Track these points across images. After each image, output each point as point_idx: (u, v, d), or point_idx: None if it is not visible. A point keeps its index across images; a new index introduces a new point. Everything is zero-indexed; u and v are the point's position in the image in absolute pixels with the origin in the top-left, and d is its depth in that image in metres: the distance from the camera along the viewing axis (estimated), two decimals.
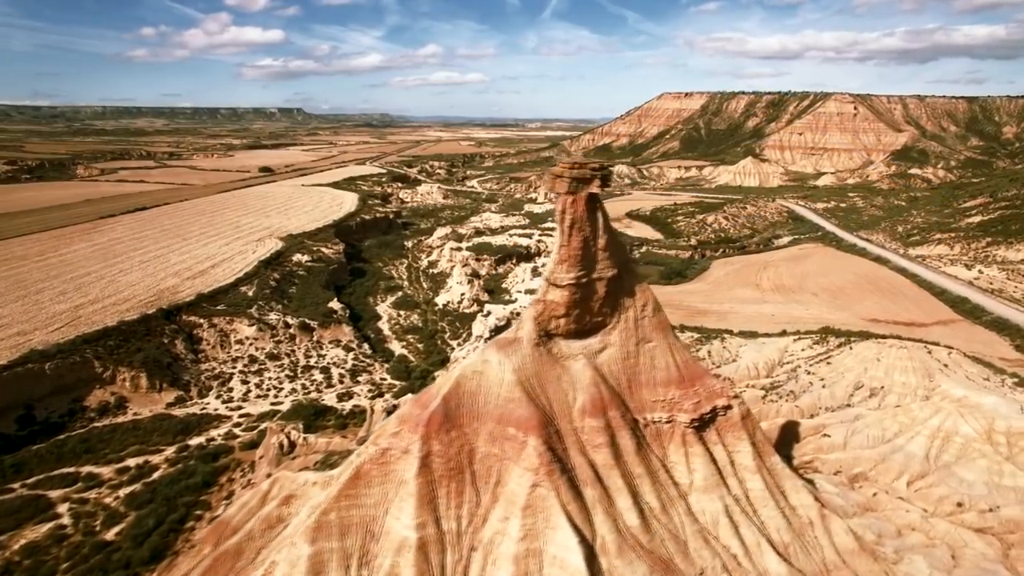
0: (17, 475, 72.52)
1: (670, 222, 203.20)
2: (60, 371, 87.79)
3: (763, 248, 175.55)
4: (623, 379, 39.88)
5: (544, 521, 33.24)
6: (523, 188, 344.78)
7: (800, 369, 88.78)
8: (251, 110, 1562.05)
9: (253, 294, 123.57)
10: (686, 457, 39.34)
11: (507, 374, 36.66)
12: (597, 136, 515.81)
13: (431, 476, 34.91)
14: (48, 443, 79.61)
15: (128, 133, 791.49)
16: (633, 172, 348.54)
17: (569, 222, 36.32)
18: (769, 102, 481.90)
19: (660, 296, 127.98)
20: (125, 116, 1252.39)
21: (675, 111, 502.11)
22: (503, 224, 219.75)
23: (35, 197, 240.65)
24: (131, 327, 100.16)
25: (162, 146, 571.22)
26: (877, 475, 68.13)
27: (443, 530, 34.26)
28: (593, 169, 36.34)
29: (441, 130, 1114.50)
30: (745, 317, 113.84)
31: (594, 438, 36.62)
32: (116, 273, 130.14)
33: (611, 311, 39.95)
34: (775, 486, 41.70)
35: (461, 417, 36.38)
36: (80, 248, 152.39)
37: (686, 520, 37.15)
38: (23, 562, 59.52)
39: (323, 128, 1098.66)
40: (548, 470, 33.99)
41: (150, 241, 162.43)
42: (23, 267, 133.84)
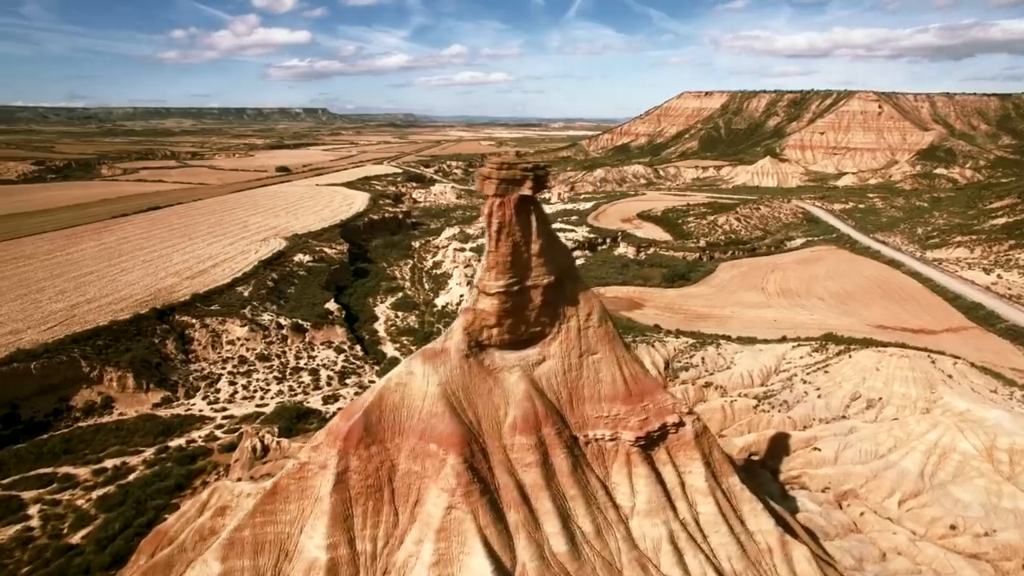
0: None
1: (680, 223, 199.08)
2: (46, 370, 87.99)
3: (774, 250, 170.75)
4: (564, 393, 37.62)
5: (459, 546, 31.18)
6: None
7: (796, 378, 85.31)
8: (277, 110, 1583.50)
9: (249, 294, 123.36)
10: (629, 478, 36.92)
11: (431, 387, 34.67)
12: (616, 136, 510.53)
13: (347, 493, 33.08)
14: (29, 443, 79.63)
15: (156, 133, 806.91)
16: (649, 172, 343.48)
17: (496, 226, 34.18)
18: (791, 101, 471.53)
19: (661, 299, 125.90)
20: (155, 117, 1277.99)
21: (695, 110, 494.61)
22: None
23: (55, 196, 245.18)
24: (122, 327, 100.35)
25: (186, 146, 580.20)
26: (867, 493, 64.84)
27: (357, 551, 32.41)
28: (524, 170, 34.14)
29: (464, 130, 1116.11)
30: (746, 322, 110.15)
31: (524, 456, 34.43)
32: (117, 272, 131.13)
33: (550, 321, 37.71)
34: (731, 509, 39.02)
35: (383, 431, 34.50)
36: (88, 247, 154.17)
37: (623, 546, 34.75)
38: None
39: (346, 128, 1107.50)
40: (466, 491, 31.89)
41: (157, 240, 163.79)
42: (29, 266, 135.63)
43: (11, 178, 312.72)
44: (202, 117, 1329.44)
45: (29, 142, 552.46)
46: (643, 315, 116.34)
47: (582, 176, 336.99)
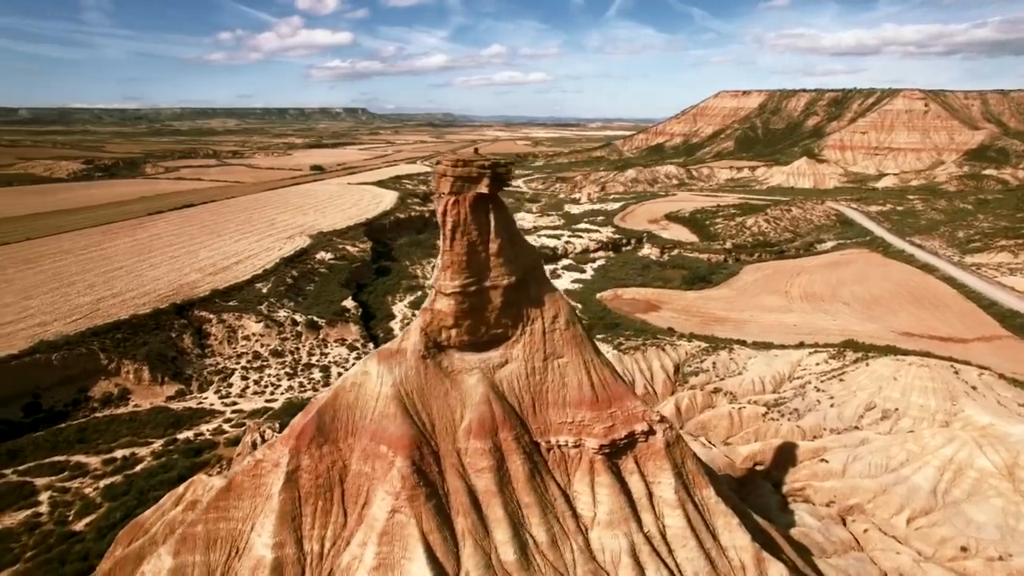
0: (11, 461, 74.85)
1: (708, 224, 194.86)
2: (67, 362, 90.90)
3: (802, 253, 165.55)
4: (526, 397, 36.68)
5: (401, 550, 30.58)
6: (568, 188, 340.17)
7: (809, 385, 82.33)
8: (318, 110, 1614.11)
9: (267, 291, 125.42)
10: (591, 487, 35.74)
11: (385, 387, 34.18)
12: (651, 136, 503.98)
13: (296, 492, 32.84)
14: (47, 431, 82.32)
15: (200, 133, 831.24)
16: (682, 173, 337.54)
17: (451, 225, 33.44)
18: (831, 100, 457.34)
19: (679, 302, 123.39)
20: (201, 117, 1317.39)
21: (732, 110, 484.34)
22: (536, 224, 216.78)
23: (98, 194, 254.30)
24: (142, 321, 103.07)
25: (228, 145, 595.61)
26: (875, 508, 62.02)
27: (304, 551, 32.13)
28: (481, 167, 33.32)
29: (501, 130, 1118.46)
30: (764, 326, 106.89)
31: (477, 461, 33.64)
32: (145, 268, 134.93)
33: (513, 323, 36.79)
34: (702, 523, 37.47)
35: (337, 431, 34.16)
36: (121, 243, 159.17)
37: (580, 558, 33.63)
38: None
39: (385, 128, 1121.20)
40: (410, 495, 31.28)
41: (187, 237, 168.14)
42: (65, 260, 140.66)
43: (62, 176, 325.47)
44: (246, 117, 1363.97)
45: (83, 142, 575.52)
46: (659, 317, 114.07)
47: (613, 176, 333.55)
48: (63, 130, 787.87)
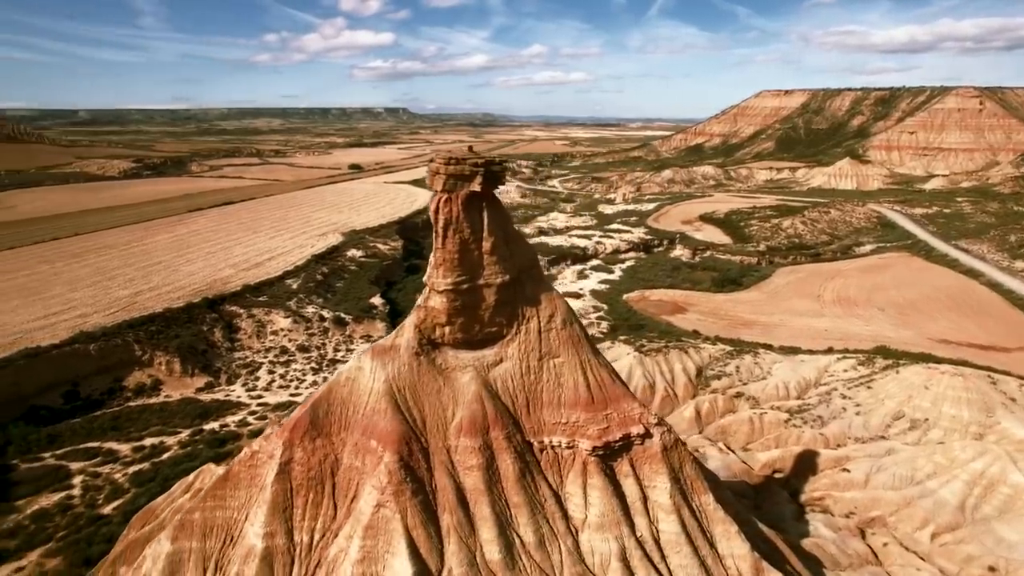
0: (50, 445, 78.13)
1: (743, 226, 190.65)
2: (104, 352, 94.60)
3: (839, 256, 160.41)
4: (520, 396, 36.54)
5: (385, 544, 30.83)
6: (603, 188, 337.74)
7: (835, 392, 79.93)
8: (359, 110, 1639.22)
9: (297, 287, 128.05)
10: (583, 488, 35.40)
11: (377, 383, 34.51)
12: (690, 136, 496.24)
13: (289, 484, 33.44)
14: (84, 418, 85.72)
15: (246, 132, 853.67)
16: (719, 173, 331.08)
17: (443, 223, 33.52)
18: (878, 99, 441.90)
19: (707, 304, 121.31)
20: (247, 116, 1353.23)
21: (773, 110, 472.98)
22: (568, 224, 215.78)
23: (143, 191, 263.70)
24: (175, 314, 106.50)
25: (271, 144, 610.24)
26: (897, 522, 59.81)
27: (294, 541, 32.70)
28: (474, 165, 33.31)
29: (540, 129, 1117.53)
30: (793, 331, 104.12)
31: (466, 459, 33.67)
32: (182, 263, 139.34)
33: (508, 321, 36.69)
34: (699, 530, 36.73)
35: (330, 425, 34.65)
36: (161, 239, 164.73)
37: (567, 560, 33.34)
38: (30, 526, 63.92)
39: (425, 127, 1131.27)
40: (396, 490, 31.51)
41: (224, 234, 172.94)
42: (108, 255, 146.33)
43: (113, 174, 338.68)
44: (290, 117, 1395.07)
45: (135, 141, 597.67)
46: (684, 320, 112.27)
47: (649, 177, 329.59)
48: (118, 130, 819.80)
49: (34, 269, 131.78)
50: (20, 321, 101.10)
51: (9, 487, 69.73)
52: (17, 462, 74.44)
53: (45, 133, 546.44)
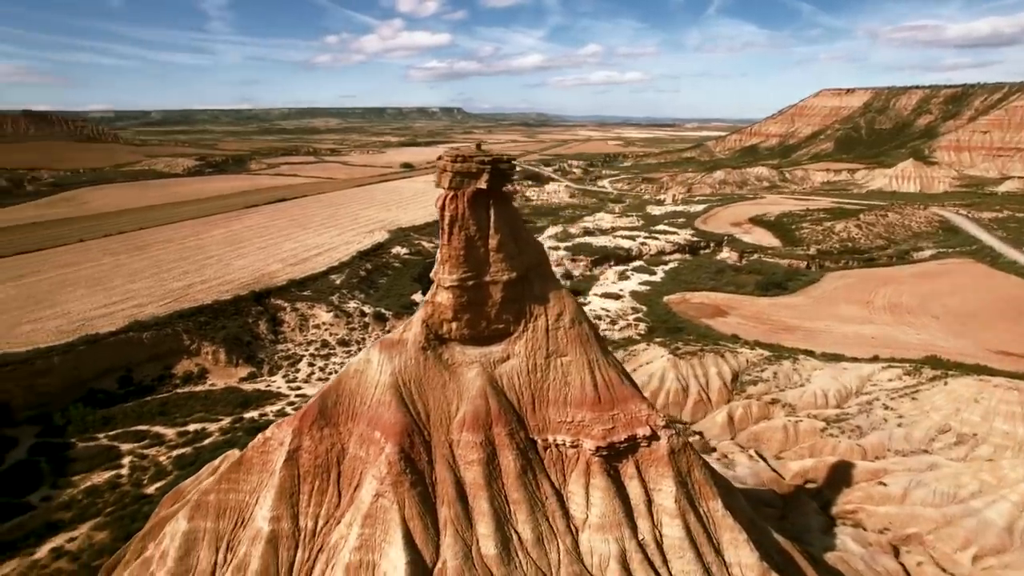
0: (104, 427, 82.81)
1: (793, 229, 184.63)
2: (155, 341, 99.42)
3: (894, 261, 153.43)
4: (526, 394, 36.66)
5: (382, 533, 31.50)
6: (653, 189, 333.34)
7: (877, 402, 76.77)
8: (415, 109, 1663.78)
9: (340, 282, 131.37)
10: (586, 488, 35.22)
11: (384, 376, 35.26)
12: (745, 136, 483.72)
13: (296, 471, 34.55)
14: (136, 402, 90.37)
15: (304, 132, 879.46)
16: (773, 175, 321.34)
17: (449, 220, 33.92)
18: (948, 97, 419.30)
19: (749, 308, 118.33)
20: (307, 116, 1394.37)
21: (833, 109, 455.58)
22: (614, 225, 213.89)
23: (204, 188, 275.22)
24: (222, 306, 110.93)
25: (327, 143, 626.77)
26: (936, 541, 57.07)
27: (299, 526, 33.76)
28: (481, 163, 33.62)
29: (594, 129, 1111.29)
30: (838, 337, 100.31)
31: (468, 454, 34.03)
32: (234, 257, 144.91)
33: (515, 318, 36.84)
34: (704, 536, 36.04)
35: (338, 415, 35.61)
36: (216, 234, 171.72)
37: (565, 559, 33.28)
38: (83, 501, 68.08)
39: (479, 127, 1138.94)
40: (395, 480, 32.14)
41: (275, 230, 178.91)
42: (166, 249, 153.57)
43: (178, 172, 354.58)
44: (347, 116, 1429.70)
45: (200, 140, 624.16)
46: (725, 323, 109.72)
47: (701, 178, 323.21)
48: (185, 130, 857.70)
49: (99, 261, 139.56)
50: (83, 309, 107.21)
51: (67, 464, 74.47)
52: (75, 441, 79.38)
53: (120, 133, 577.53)
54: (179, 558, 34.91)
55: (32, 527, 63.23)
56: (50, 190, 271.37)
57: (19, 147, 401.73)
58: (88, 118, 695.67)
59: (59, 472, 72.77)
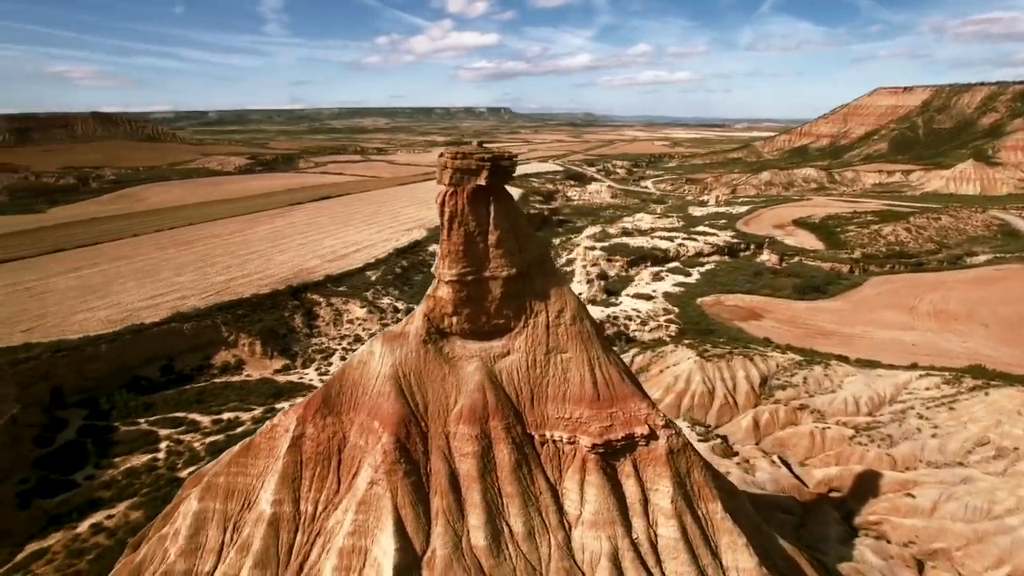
0: (145, 412, 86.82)
1: (838, 231, 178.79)
2: (195, 332, 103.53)
3: (945, 266, 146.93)
4: (525, 389, 36.99)
5: (375, 520, 32.35)
6: (697, 190, 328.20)
7: (912, 411, 74.09)
8: (462, 109, 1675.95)
9: (376, 279, 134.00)
10: (581, 485, 35.32)
11: (385, 367, 36.12)
12: (794, 137, 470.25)
13: (299, 457, 35.76)
14: (176, 390, 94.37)
15: (353, 131, 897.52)
16: (822, 176, 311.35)
17: (448, 215, 34.52)
18: (1018, 94, 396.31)
19: (785, 312, 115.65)
20: (356, 116, 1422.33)
21: (889, 108, 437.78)
22: (653, 226, 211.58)
23: (253, 186, 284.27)
24: (260, 300, 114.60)
25: (374, 142, 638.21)
26: (965, 558, 55.02)
27: (300, 511, 34.94)
28: (481, 160, 34.09)
29: (641, 130, 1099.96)
30: (876, 343, 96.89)
31: (463, 446, 34.58)
32: (275, 252, 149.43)
33: (516, 314, 37.18)
34: (701, 538, 35.69)
35: (341, 405, 36.68)
36: (260, 230, 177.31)
37: (556, 554, 33.49)
38: (122, 481, 71.70)
39: (525, 127, 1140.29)
40: (389, 469, 32.95)
41: (316, 227, 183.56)
42: (212, 244, 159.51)
43: (230, 170, 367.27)
44: (396, 116, 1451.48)
45: (253, 140, 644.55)
46: (759, 327, 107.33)
47: (746, 179, 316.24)
48: (239, 129, 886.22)
49: (150, 254, 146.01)
50: (131, 300, 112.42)
51: (110, 446, 78.56)
52: (118, 425, 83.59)
53: (179, 133, 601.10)
54: (190, 536, 36.59)
55: (76, 503, 67.18)
56: (111, 187, 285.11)
57: (87, 147, 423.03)
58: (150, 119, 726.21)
59: (102, 453, 76.86)
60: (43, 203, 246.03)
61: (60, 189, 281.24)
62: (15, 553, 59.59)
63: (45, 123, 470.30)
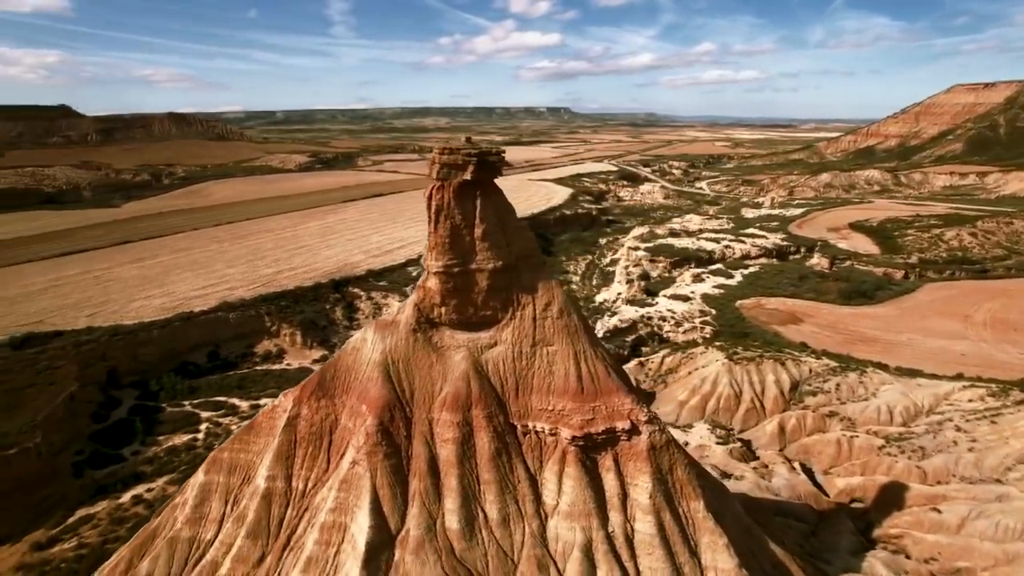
0: (190, 395, 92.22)
1: (896, 235, 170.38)
2: (240, 321, 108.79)
3: (1012, 273, 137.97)
4: (510, 380, 37.78)
5: (355, 498, 33.85)
6: (753, 191, 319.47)
7: (949, 423, 70.67)
8: (522, 109, 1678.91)
9: (416, 274, 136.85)
10: (559, 476, 35.84)
11: (375, 354, 37.63)
12: (860, 137, 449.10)
13: (294, 436, 37.68)
14: (220, 376, 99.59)
15: (414, 130, 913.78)
16: (886, 178, 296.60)
17: (435, 209, 35.67)
18: None
19: (827, 316, 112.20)
20: (418, 115, 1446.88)
21: (966, 106, 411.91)
22: (702, 227, 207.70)
23: (310, 183, 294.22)
24: (303, 292, 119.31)
25: (433, 141, 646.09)
26: None
27: (291, 487, 36.85)
28: (467, 155, 35.08)
29: (702, 130, 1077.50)
30: (921, 352, 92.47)
31: (444, 432, 35.68)
32: (323, 247, 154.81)
33: (502, 306, 38.01)
34: (680, 535, 35.63)
35: (335, 388, 38.41)
36: (312, 225, 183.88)
37: (528, 541, 34.16)
38: (163, 458, 76.55)
39: (585, 127, 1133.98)
40: (370, 450, 34.39)
41: (366, 223, 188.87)
42: (265, 238, 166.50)
43: (291, 168, 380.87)
44: (456, 116, 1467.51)
45: (316, 139, 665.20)
46: (797, 331, 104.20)
47: (805, 180, 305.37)
48: (305, 128, 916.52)
49: (206, 247, 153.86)
50: (185, 290, 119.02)
51: (156, 425, 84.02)
52: (165, 405, 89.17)
53: (246, 132, 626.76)
54: (195, 506, 39.11)
55: (122, 475, 72.53)
56: (180, 183, 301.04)
57: (162, 145, 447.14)
58: (221, 118, 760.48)
59: (149, 431, 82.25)
60: (119, 198, 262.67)
61: (135, 185, 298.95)
62: (67, 516, 65.21)
63: (127, 123, 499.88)
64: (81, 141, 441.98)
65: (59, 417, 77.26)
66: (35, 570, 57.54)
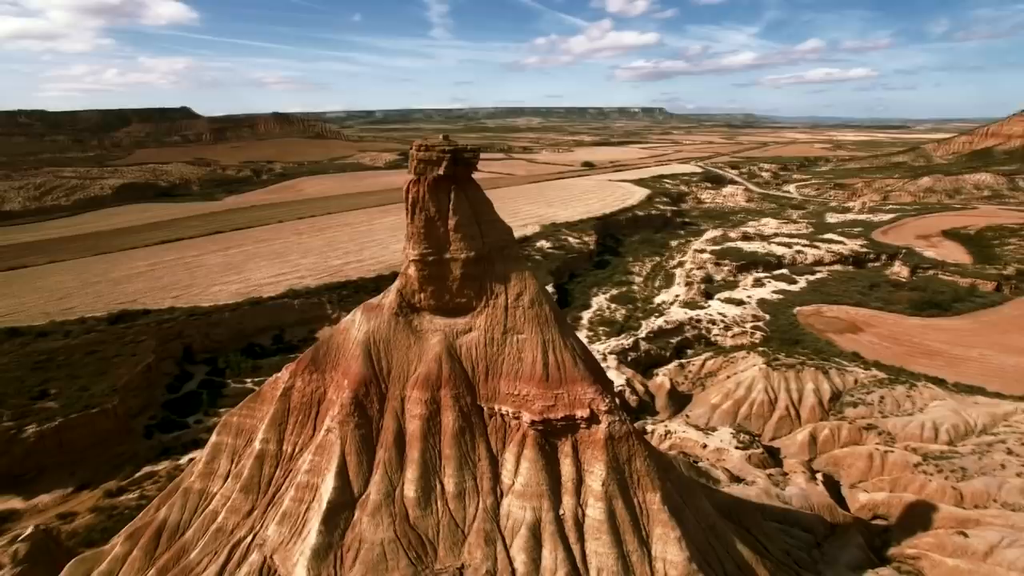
0: (253, 373, 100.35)
1: (994, 244, 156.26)
2: (303, 308, 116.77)
3: None
4: (481, 364, 39.97)
5: (327, 462, 37.22)
6: (844, 195, 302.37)
7: (1001, 445, 65.93)
8: (616, 109, 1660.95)
9: None
10: (517, 457, 37.71)
11: (360, 333, 40.94)
12: (977, 138, 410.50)
13: (288, 405, 41.68)
14: (281, 357, 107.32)
15: (506, 130, 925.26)
16: (1000, 183, 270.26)
17: (411, 201, 38.42)
18: None
19: (891, 327, 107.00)
20: (511, 115, 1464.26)
21: None
22: (777, 231, 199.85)
23: (393, 180, 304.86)
24: (365, 283, 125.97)
25: (522, 141, 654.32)
26: None
27: (282, 450, 40.87)
28: (442, 152, 37.55)
29: (803, 132, 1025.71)
30: (989, 368, 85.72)
31: (413, 408, 38.40)
32: (393, 242, 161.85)
33: (476, 294, 40.20)
34: (631, 524, 36.57)
35: (326, 364, 42.10)
36: (388, 220, 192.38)
37: (481, 515, 36.28)
38: None
39: (679, 128, 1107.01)
40: (342, 420, 37.65)
41: None
42: (341, 231, 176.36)
43: (379, 165, 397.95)
44: (549, 116, 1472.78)
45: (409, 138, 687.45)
46: (854, 340, 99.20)
47: (902, 184, 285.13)
48: (400, 128, 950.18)
49: (287, 239, 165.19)
50: (260, 277, 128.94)
51: (219, 398, 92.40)
52: (230, 381, 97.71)
53: (344, 131, 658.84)
54: (207, 462, 44.03)
55: (184, 440, 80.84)
56: (277, 179, 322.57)
57: (265, 143, 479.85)
58: (323, 118, 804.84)
59: (212, 403, 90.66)
60: (222, 192, 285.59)
61: (238, 180, 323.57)
62: (135, 471, 73.88)
63: (236, 123, 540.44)
64: (197, 140, 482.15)
65: (136, 385, 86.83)
66: (105, 512, 65.87)
